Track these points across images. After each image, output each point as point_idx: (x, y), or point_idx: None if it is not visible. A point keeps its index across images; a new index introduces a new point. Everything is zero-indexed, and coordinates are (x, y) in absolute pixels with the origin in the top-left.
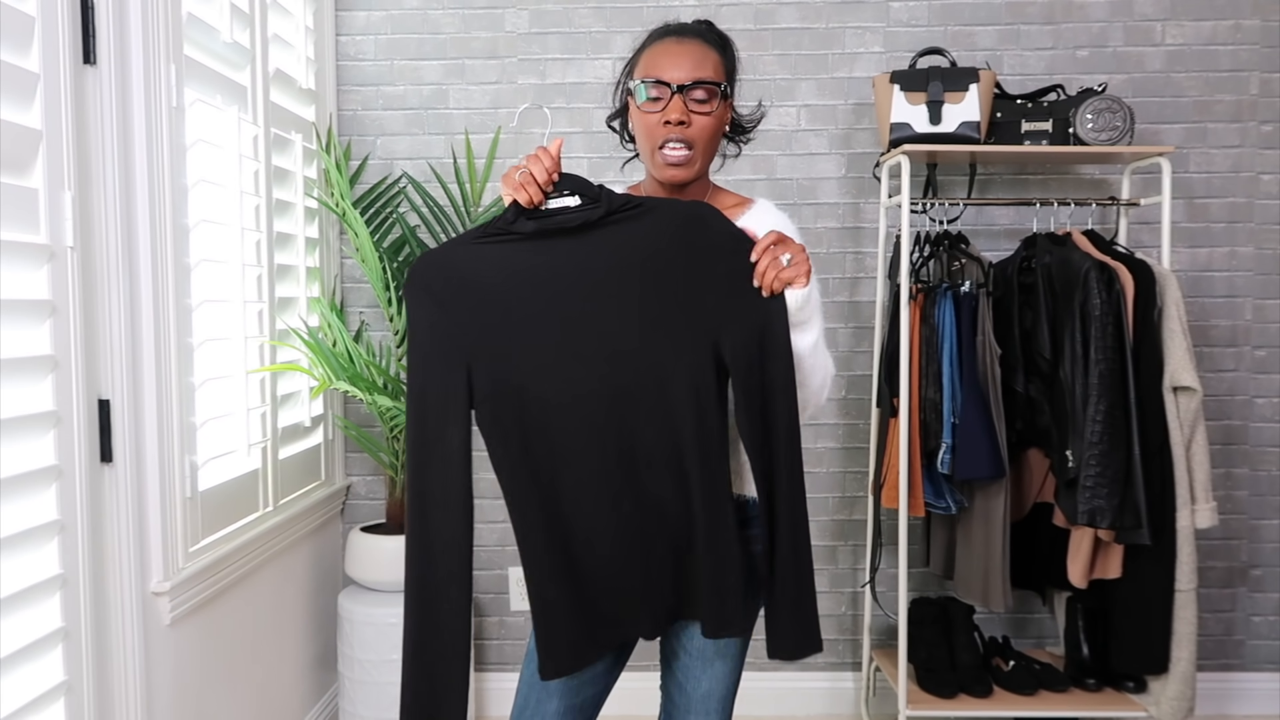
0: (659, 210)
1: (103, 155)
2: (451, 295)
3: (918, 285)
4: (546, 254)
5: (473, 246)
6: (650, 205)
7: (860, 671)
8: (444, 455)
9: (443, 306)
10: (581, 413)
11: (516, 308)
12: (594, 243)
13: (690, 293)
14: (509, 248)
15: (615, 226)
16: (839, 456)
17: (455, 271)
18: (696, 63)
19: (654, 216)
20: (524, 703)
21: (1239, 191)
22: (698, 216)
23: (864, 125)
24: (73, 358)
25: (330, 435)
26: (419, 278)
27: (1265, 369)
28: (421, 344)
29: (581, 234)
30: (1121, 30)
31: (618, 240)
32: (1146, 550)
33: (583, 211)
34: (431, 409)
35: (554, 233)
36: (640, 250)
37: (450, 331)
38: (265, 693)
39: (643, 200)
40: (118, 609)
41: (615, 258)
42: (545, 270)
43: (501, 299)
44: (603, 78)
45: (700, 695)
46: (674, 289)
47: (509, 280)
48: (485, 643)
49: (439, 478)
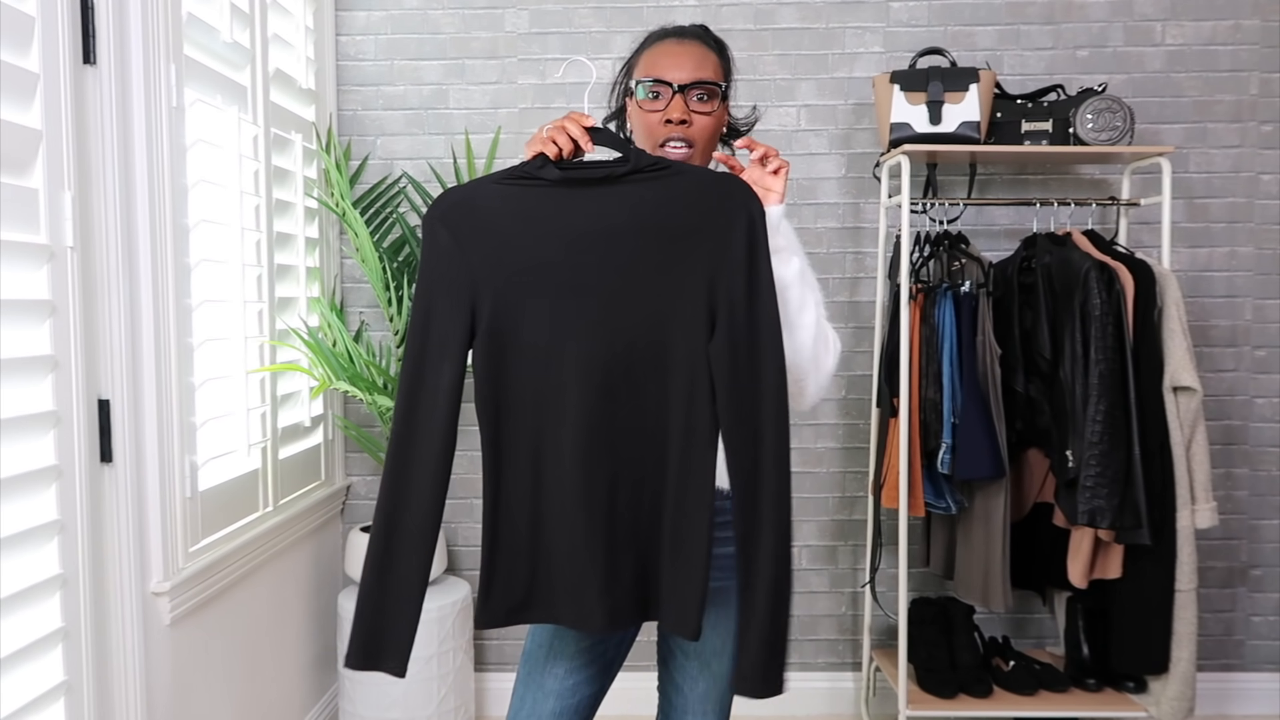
0: (687, 175)
1: (103, 155)
2: (466, 232)
3: (918, 285)
4: (567, 203)
5: (495, 187)
6: (680, 168)
7: (860, 671)
8: (435, 389)
9: (456, 241)
10: (573, 364)
11: (528, 252)
12: (615, 197)
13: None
14: (532, 193)
15: (639, 185)
16: (839, 456)
17: (473, 209)
18: (697, 63)
19: (682, 180)
20: (520, 704)
21: (1239, 191)
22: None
23: (864, 125)
24: (73, 358)
25: (330, 435)
26: (438, 210)
27: (1265, 369)
28: (429, 275)
29: (604, 187)
30: (1121, 30)
31: (638, 198)
32: (1147, 550)
33: (608, 165)
34: (433, 340)
35: (577, 183)
36: (659, 212)
37: (459, 266)
38: (265, 693)
39: (672, 163)
40: (118, 609)
41: (633, 216)
42: (562, 219)
43: (515, 242)
44: (603, 78)
45: (698, 696)
46: (684, 256)
47: (525, 225)
48: (485, 643)
49: (427, 412)
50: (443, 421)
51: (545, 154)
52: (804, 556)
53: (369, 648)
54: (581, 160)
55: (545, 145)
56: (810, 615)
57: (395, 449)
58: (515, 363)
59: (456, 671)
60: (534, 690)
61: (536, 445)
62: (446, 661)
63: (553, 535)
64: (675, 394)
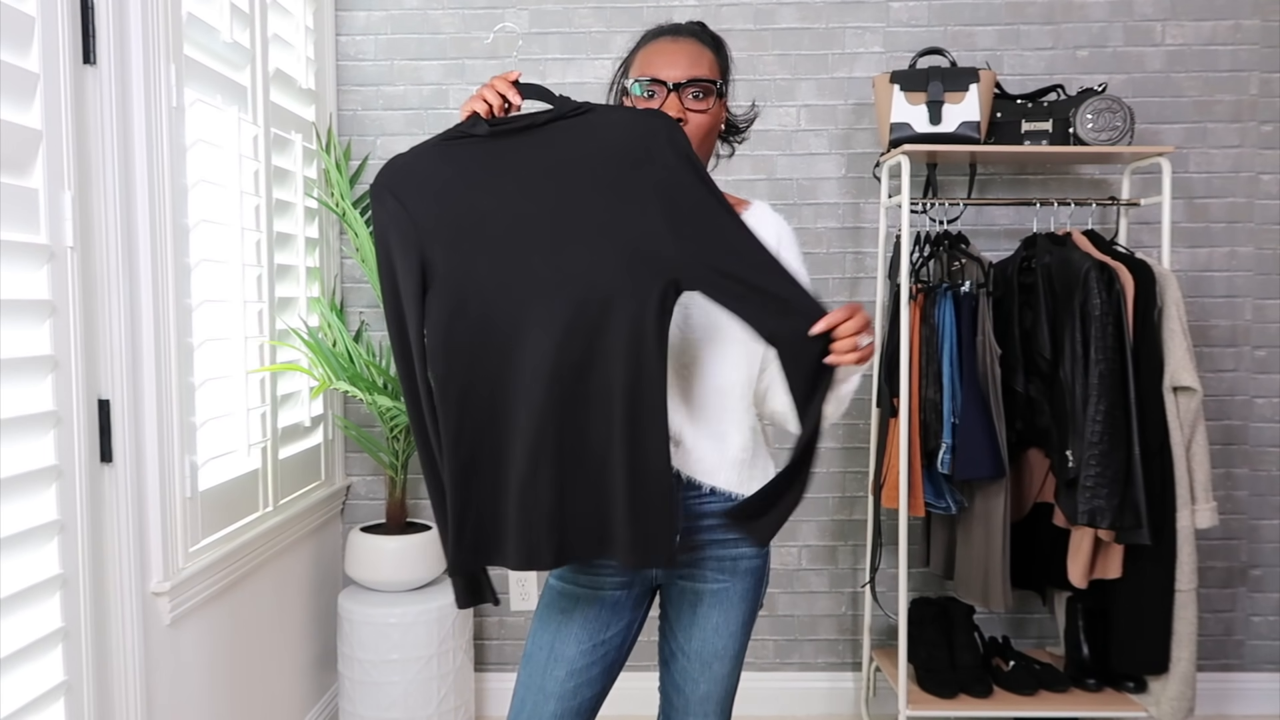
0: (608, 111)
1: (103, 155)
2: (408, 192)
3: (918, 285)
4: (500, 154)
5: (434, 148)
6: (600, 108)
7: (860, 671)
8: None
9: (400, 202)
10: (521, 307)
11: (467, 203)
12: (542, 143)
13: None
14: (467, 149)
15: (564, 129)
16: (839, 456)
17: (414, 171)
18: (692, 61)
19: (603, 115)
20: (520, 704)
21: (1239, 191)
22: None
23: (864, 125)
24: (73, 358)
25: (330, 435)
26: (383, 178)
27: (1265, 369)
28: (384, 238)
29: (531, 133)
30: (1121, 30)
31: (564, 139)
32: (1146, 550)
33: (532, 115)
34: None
35: (505, 134)
36: (585, 149)
37: (407, 225)
38: (265, 693)
39: (595, 105)
40: (118, 609)
41: (561, 156)
42: (496, 169)
43: (454, 195)
44: (602, 78)
45: (699, 698)
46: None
47: (462, 178)
48: (485, 643)
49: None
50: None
51: (477, 112)
52: (804, 556)
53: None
54: (511, 115)
55: (476, 104)
56: (810, 615)
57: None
58: (461, 312)
59: (456, 671)
60: (535, 692)
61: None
62: (446, 661)
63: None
64: (625, 327)
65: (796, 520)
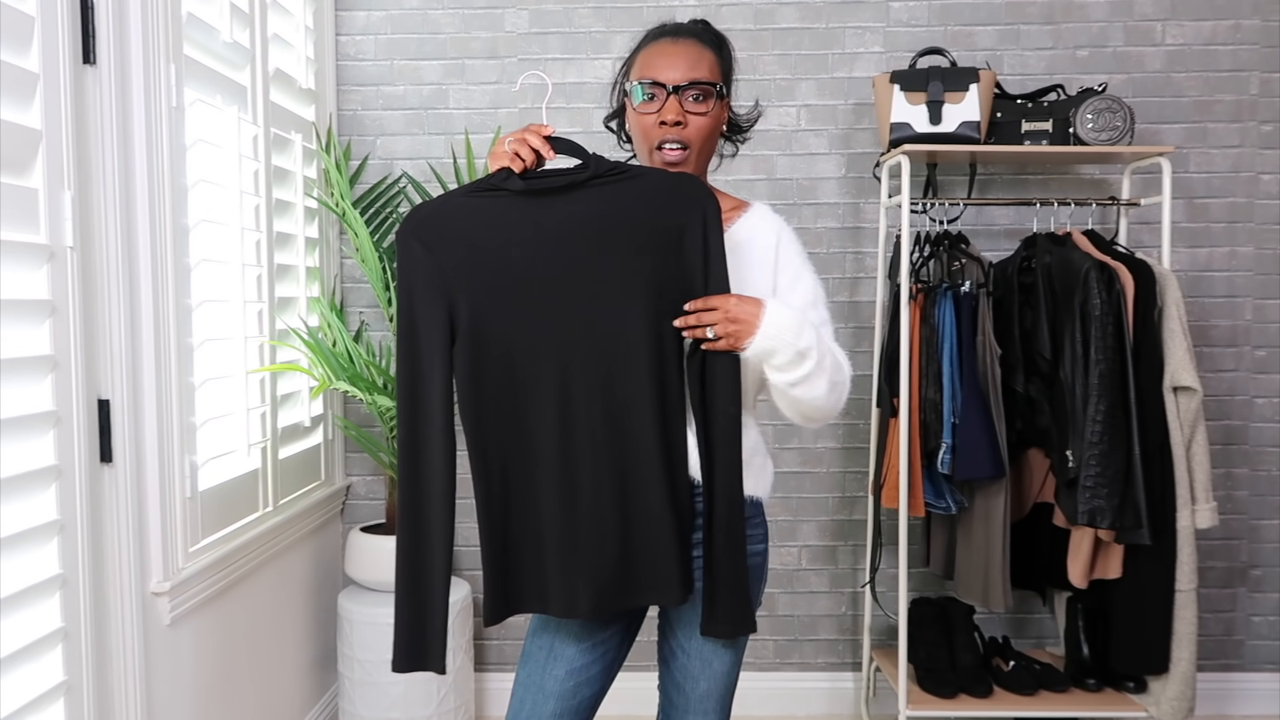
0: (645, 176)
1: (102, 155)
2: (437, 241)
3: (918, 285)
4: (532, 210)
5: (463, 199)
6: (637, 171)
7: (860, 671)
8: (430, 397)
9: (429, 250)
10: (548, 363)
11: (498, 256)
12: (578, 202)
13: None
14: (499, 202)
15: (600, 188)
16: (839, 456)
17: (443, 220)
18: (692, 63)
19: (640, 182)
20: (520, 704)
21: (1239, 191)
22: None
23: (864, 125)
24: (72, 358)
25: (330, 435)
26: (409, 225)
27: (1265, 369)
28: (408, 286)
29: (567, 194)
30: (1121, 30)
31: (599, 201)
32: (1147, 550)
33: (570, 173)
34: (421, 351)
35: (541, 192)
36: (620, 213)
37: (434, 273)
38: (265, 693)
39: (630, 166)
40: (118, 609)
41: (596, 218)
42: (529, 225)
43: (485, 248)
44: (602, 78)
45: (699, 695)
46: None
47: (494, 232)
48: (485, 643)
49: (426, 421)
50: (442, 428)
51: (510, 167)
52: (804, 556)
53: (413, 651)
54: (544, 170)
55: (512, 161)
56: (810, 615)
57: (405, 462)
58: (493, 365)
59: (456, 671)
60: (534, 691)
61: (518, 441)
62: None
63: (539, 528)
64: (647, 381)
65: (797, 520)
